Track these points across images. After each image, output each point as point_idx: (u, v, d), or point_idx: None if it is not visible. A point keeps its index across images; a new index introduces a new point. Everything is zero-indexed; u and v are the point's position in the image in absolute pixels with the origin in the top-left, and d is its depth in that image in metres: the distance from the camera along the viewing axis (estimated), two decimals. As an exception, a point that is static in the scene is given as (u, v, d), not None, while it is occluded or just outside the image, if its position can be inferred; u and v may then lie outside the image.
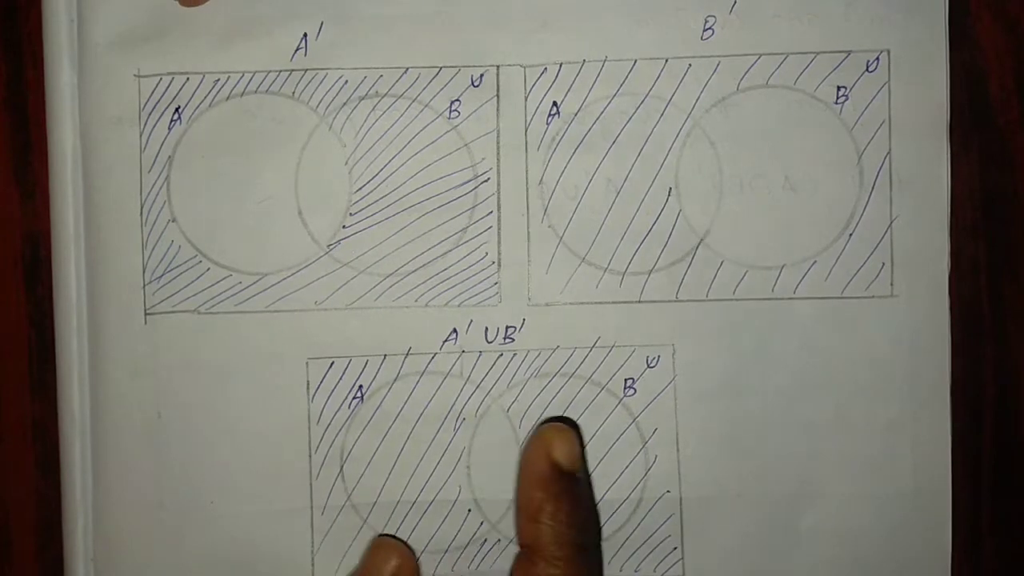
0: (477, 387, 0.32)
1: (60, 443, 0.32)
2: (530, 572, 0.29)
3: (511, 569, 0.30)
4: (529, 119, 0.32)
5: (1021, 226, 0.32)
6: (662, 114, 0.32)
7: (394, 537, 0.32)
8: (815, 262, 0.32)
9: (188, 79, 0.32)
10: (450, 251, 0.32)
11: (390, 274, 0.32)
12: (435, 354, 0.32)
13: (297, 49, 0.32)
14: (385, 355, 0.32)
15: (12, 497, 0.33)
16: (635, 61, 0.32)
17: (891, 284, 0.32)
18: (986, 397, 0.32)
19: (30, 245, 0.33)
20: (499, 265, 0.32)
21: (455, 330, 0.32)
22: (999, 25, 0.32)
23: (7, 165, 0.33)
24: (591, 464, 0.32)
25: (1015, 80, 0.32)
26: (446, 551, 0.32)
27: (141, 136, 0.32)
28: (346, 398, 0.32)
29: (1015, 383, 0.33)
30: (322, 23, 0.32)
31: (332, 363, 0.32)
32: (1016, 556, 0.32)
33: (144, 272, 0.32)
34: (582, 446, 0.31)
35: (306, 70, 0.32)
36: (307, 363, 0.32)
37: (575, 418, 0.32)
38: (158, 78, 0.32)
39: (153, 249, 0.32)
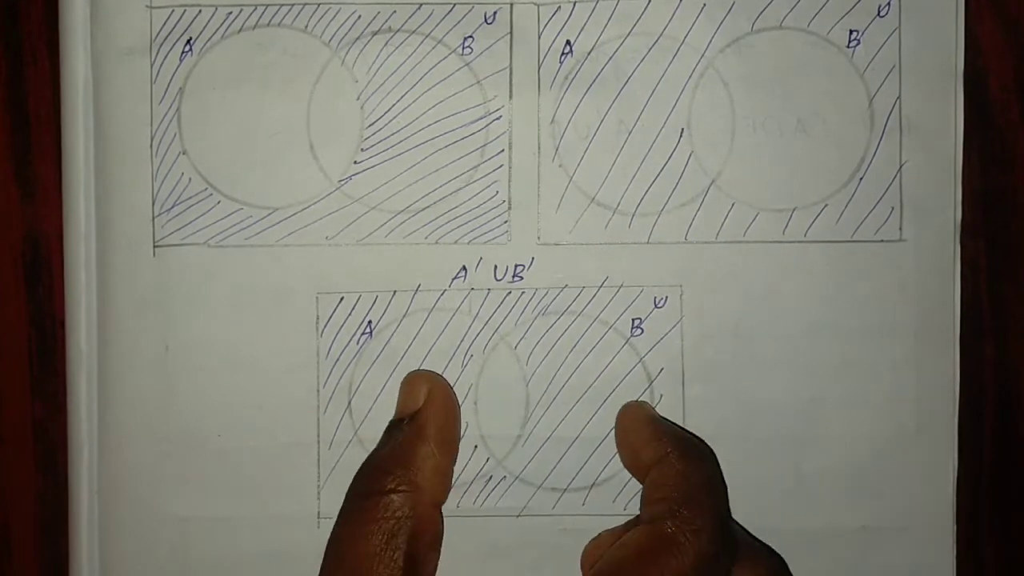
0: (485, 324, 0.32)
1: (67, 373, 0.32)
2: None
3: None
4: (542, 57, 0.32)
5: (1021, 226, 0.33)
6: (675, 54, 0.32)
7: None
8: (826, 205, 0.32)
9: (200, 11, 0.32)
10: (461, 189, 0.32)
11: (401, 211, 0.32)
12: (444, 291, 0.32)
13: (311, -18, 0.32)
14: (395, 291, 0.32)
15: (12, 497, 0.33)
16: (649, 0, 0.32)
17: (900, 228, 0.32)
18: (986, 397, 0.33)
19: (30, 245, 0.33)
20: (509, 204, 0.32)
21: (464, 267, 0.32)
22: (999, 25, 0.32)
23: (7, 165, 0.33)
24: (597, 402, 0.32)
25: (1015, 80, 0.32)
26: (452, 487, 0.32)
27: (152, 67, 0.32)
28: (355, 334, 0.32)
29: (1015, 383, 0.33)
30: (336, -44, 0.32)
31: (342, 298, 0.32)
32: (1017, 559, 0.33)
33: (154, 204, 0.32)
34: None
35: (319, 4, 0.32)
36: (316, 298, 0.32)
37: (582, 356, 0.32)
38: (170, 9, 0.32)
39: (163, 181, 0.32)
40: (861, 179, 0.32)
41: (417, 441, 0.29)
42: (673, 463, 0.28)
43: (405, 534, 0.28)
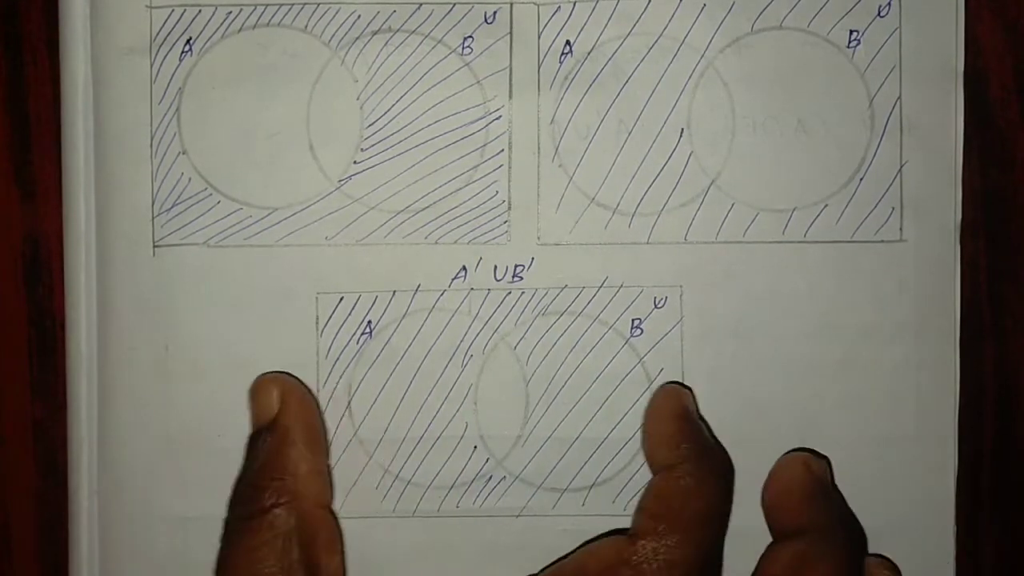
0: (485, 324, 0.32)
1: (67, 373, 0.32)
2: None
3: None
4: (542, 57, 0.32)
5: (1021, 226, 0.33)
6: (675, 54, 0.32)
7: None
8: (826, 205, 0.32)
9: (200, 11, 0.32)
10: (461, 189, 0.32)
11: (400, 210, 0.32)
12: (444, 291, 0.32)
13: (310, -19, 0.32)
14: (394, 291, 0.32)
15: (12, 497, 0.33)
16: (649, 0, 0.32)
17: (900, 229, 0.32)
18: (986, 397, 0.33)
19: (30, 245, 0.33)
20: (509, 204, 0.32)
21: (464, 267, 0.32)
22: (999, 25, 0.32)
23: (7, 165, 0.33)
24: (597, 403, 0.32)
25: (1015, 80, 0.32)
26: (452, 487, 0.32)
27: (152, 67, 0.32)
28: (355, 333, 0.32)
29: (1015, 383, 0.33)
30: (336, -45, 0.32)
31: (341, 298, 0.32)
32: (1017, 559, 0.33)
33: (153, 204, 0.32)
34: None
35: (319, 3, 0.32)
36: (316, 298, 0.32)
37: (582, 357, 0.32)
38: (170, 9, 0.32)
39: (163, 181, 0.32)
40: (861, 179, 0.32)
41: (285, 448, 0.29)
42: (681, 477, 0.28)
43: (296, 546, 0.27)
